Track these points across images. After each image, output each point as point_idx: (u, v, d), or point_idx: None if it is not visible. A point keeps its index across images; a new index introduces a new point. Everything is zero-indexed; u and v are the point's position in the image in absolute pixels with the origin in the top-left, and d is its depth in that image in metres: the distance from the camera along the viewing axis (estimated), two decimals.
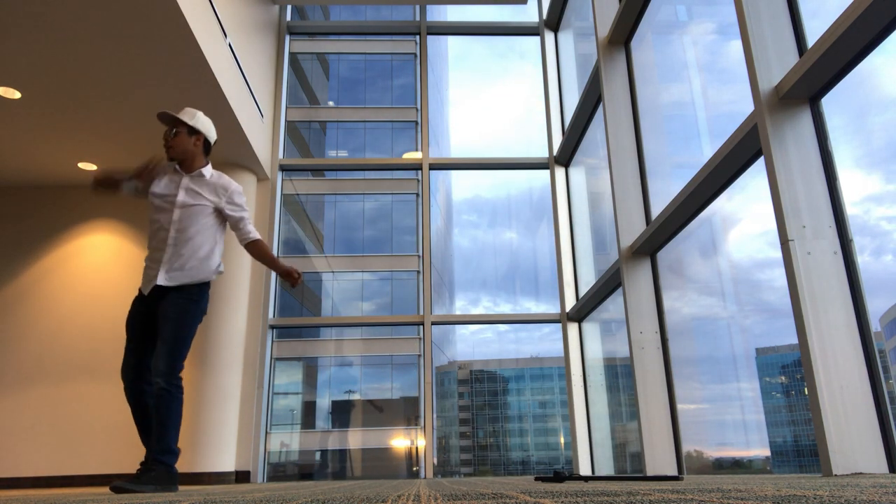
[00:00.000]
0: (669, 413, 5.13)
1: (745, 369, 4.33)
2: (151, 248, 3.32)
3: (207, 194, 3.38)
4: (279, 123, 8.13)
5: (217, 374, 6.74)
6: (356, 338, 8.18)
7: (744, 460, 4.52)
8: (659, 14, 5.62)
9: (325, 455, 7.88)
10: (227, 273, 7.11)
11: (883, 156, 3.14)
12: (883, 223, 3.16)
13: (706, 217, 4.64)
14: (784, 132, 3.27)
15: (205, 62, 5.54)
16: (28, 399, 7.18)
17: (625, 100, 5.99)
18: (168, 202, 3.32)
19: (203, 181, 3.41)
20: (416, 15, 8.95)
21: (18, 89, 5.83)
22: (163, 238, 3.27)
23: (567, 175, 8.13)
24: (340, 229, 8.70)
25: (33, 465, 6.98)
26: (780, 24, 3.48)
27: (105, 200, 7.88)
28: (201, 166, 3.44)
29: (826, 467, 2.82)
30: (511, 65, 9.45)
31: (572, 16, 8.11)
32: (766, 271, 4.00)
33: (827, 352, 2.94)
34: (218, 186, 3.43)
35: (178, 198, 3.32)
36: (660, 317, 5.33)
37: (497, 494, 1.66)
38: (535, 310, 8.22)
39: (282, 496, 1.94)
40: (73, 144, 6.89)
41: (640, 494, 1.44)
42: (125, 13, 4.90)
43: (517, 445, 8.47)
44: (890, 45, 2.88)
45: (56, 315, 7.47)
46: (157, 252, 3.29)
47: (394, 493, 1.98)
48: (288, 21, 8.64)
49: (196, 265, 3.31)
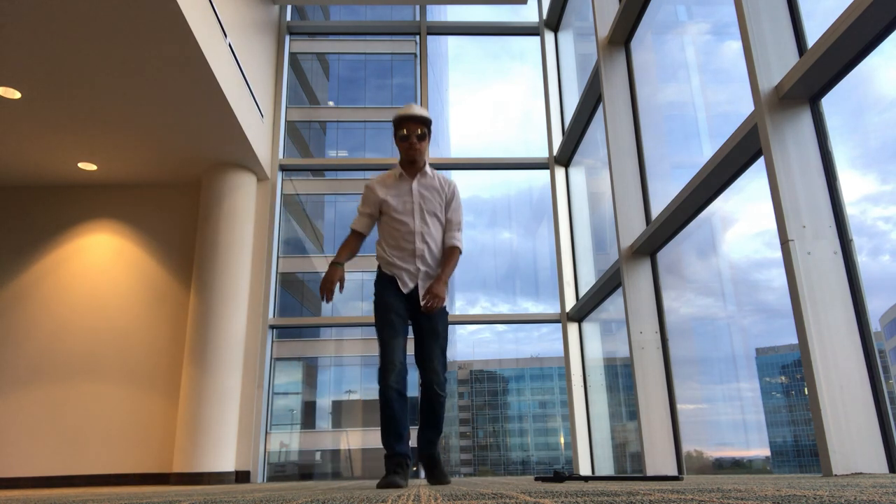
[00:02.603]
0: (669, 413, 5.13)
1: (745, 369, 4.33)
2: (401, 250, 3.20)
3: (436, 194, 3.25)
4: (279, 123, 8.13)
5: (217, 374, 6.74)
6: (356, 338, 8.18)
7: (744, 460, 4.52)
8: (659, 14, 5.62)
9: (325, 455, 7.88)
10: (227, 273, 7.11)
11: (879, 156, 3.15)
12: (880, 223, 3.16)
13: (706, 217, 4.64)
14: (784, 132, 3.27)
15: (205, 62, 5.54)
16: (28, 399, 7.18)
17: (625, 100, 5.99)
18: (408, 208, 3.19)
19: (430, 180, 3.27)
20: (416, 15, 8.95)
21: (18, 89, 5.84)
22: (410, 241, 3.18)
23: (567, 175, 8.13)
24: (340, 229, 8.70)
25: (33, 465, 6.98)
26: (780, 24, 3.48)
27: (105, 200, 7.89)
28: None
29: (826, 467, 2.82)
30: (510, 65, 9.46)
31: (572, 16, 8.11)
32: (763, 271, 4.01)
33: (827, 352, 2.94)
34: (443, 182, 3.29)
35: (415, 202, 3.20)
36: (660, 317, 5.33)
37: (497, 494, 1.66)
38: (534, 310, 8.22)
39: (282, 496, 1.94)
40: (73, 144, 6.89)
41: (640, 494, 1.44)
42: (125, 13, 4.90)
43: (517, 445, 8.47)
44: (885, 46, 2.88)
45: (56, 315, 7.47)
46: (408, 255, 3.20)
47: (394, 493, 1.98)
48: (288, 21, 8.64)
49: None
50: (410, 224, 3.16)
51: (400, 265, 3.15)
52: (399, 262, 3.15)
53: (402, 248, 3.16)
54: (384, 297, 3.13)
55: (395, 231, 3.17)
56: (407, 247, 3.15)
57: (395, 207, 3.17)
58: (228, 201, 7.32)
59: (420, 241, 3.15)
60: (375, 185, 3.24)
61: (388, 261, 3.18)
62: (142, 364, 7.35)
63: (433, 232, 3.20)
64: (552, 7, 8.47)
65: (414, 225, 3.16)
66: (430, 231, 3.19)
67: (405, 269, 3.15)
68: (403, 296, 3.15)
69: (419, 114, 3.16)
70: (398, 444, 3.00)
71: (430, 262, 3.18)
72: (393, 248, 3.17)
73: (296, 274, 8.34)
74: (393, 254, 3.16)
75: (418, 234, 3.15)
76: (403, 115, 3.16)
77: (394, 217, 3.17)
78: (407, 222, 3.16)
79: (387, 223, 3.20)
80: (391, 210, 3.17)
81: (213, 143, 6.96)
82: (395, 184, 3.22)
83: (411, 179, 3.22)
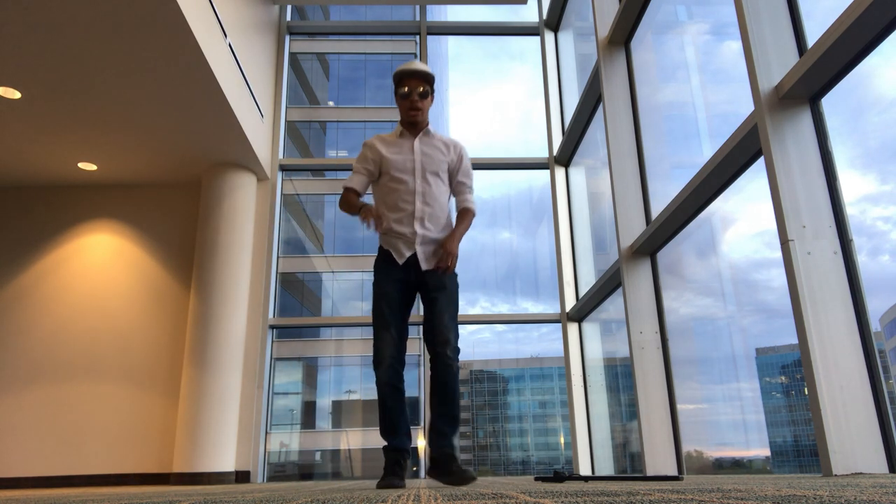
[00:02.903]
0: (669, 413, 5.13)
1: (744, 369, 4.33)
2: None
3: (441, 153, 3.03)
4: (279, 123, 8.13)
5: (217, 374, 6.74)
6: (356, 338, 8.18)
7: (744, 460, 4.52)
8: (659, 14, 5.62)
9: (325, 455, 7.89)
10: (226, 273, 7.11)
11: (878, 156, 3.15)
12: (879, 223, 3.16)
13: (706, 217, 4.64)
14: (784, 132, 3.28)
15: (205, 62, 5.54)
16: (28, 399, 7.18)
17: (625, 100, 5.99)
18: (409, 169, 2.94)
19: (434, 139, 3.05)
20: (416, 15, 8.95)
21: (18, 89, 5.84)
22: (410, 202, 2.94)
23: (567, 175, 8.13)
24: (340, 229, 8.70)
25: (33, 465, 6.98)
26: (780, 24, 3.48)
27: (105, 200, 7.89)
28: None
29: (826, 467, 2.82)
30: (510, 65, 9.46)
31: (572, 16, 8.11)
32: (763, 271, 4.01)
33: (827, 352, 2.94)
34: (448, 142, 3.08)
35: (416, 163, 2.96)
36: (660, 317, 5.33)
37: (497, 494, 1.66)
38: (534, 310, 8.22)
39: (282, 496, 1.94)
40: (73, 144, 6.89)
41: (640, 494, 1.44)
42: (125, 13, 4.90)
43: (517, 445, 8.47)
44: (885, 47, 2.88)
45: (56, 315, 7.47)
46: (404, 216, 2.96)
47: (394, 493, 1.98)
48: (288, 21, 8.64)
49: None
50: (410, 183, 2.92)
51: (396, 229, 2.90)
52: (395, 225, 2.90)
53: (400, 208, 2.90)
54: (379, 284, 2.91)
55: (393, 192, 2.93)
56: (406, 207, 2.90)
57: (394, 165, 2.93)
58: (228, 201, 7.32)
59: (420, 201, 2.91)
60: (375, 142, 3.02)
61: (386, 231, 2.93)
62: (142, 364, 7.35)
63: (435, 193, 2.95)
64: (552, 7, 8.47)
65: (414, 184, 2.92)
66: (432, 192, 2.94)
67: (401, 236, 2.90)
68: (401, 277, 2.90)
69: (421, 69, 2.94)
70: (394, 437, 2.86)
71: (430, 225, 2.92)
72: (391, 211, 2.92)
73: (296, 274, 8.34)
74: (391, 217, 2.91)
75: (419, 195, 2.91)
76: (405, 70, 2.94)
77: (393, 176, 2.93)
78: (406, 180, 2.92)
79: (385, 184, 2.96)
80: (391, 168, 2.93)
81: (213, 143, 6.96)
82: (396, 141, 3.00)
83: (413, 138, 3.01)
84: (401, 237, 2.90)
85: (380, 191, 3.00)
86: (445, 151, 3.03)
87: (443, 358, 2.78)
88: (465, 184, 3.08)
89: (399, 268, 2.89)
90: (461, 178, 3.07)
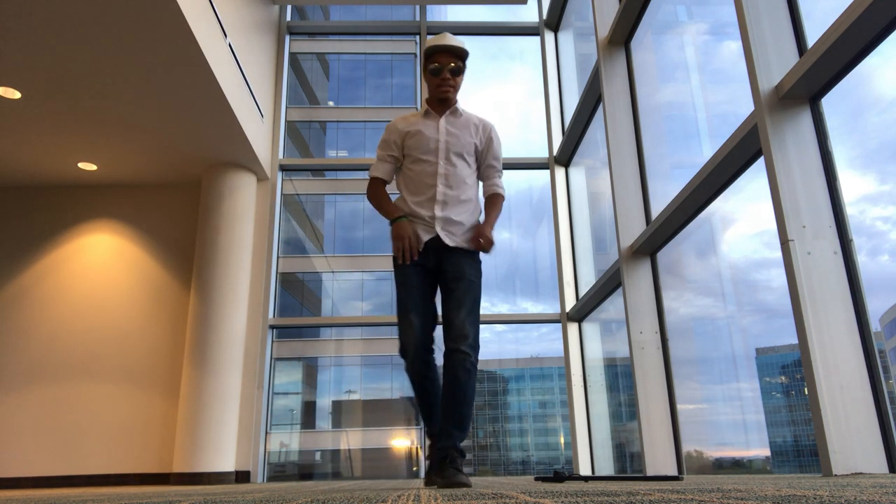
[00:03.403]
0: (669, 413, 5.13)
1: (744, 369, 4.33)
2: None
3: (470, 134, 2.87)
4: (279, 123, 8.13)
5: (217, 374, 6.74)
6: (356, 338, 8.18)
7: (744, 460, 4.53)
8: (659, 14, 5.62)
9: (325, 455, 7.89)
10: (226, 273, 7.11)
11: (877, 156, 3.15)
12: (878, 223, 3.16)
13: (706, 217, 4.64)
14: (784, 132, 3.28)
15: (205, 62, 5.54)
16: (28, 399, 7.18)
17: (625, 100, 5.99)
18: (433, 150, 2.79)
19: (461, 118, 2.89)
20: (416, 15, 8.95)
21: (18, 89, 5.84)
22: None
23: (567, 175, 8.13)
24: (340, 229, 8.70)
25: (33, 465, 6.98)
26: (780, 24, 3.48)
27: (105, 200, 7.89)
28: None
29: (826, 467, 2.82)
30: (510, 65, 9.46)
31: (572, 16, 8.11)
32: (763, 271, 4.01)
33: (827, 352, 2.94)
34: (477, 122, 2.92)
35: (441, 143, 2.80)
36: (660, 317, 5.33)
37: (497, 494, 1.66)
38: (534, 310, 8.22)
39: (282, 496, 1.94)
40: (73, 144, 6.89)
41: (640, 494, 1.44)
42: (125, 13, 4.90)
43: (517, 445, 8.47)
44: (883, 47, 2.88)
45: (56, 315, 7.47)
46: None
47: (394, 494, 1.98)
48: (288, 21, 8.64)
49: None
50: (434, 164, 2.75)
51: (417, 212, 2.73)
52: (416, 208, 2.73)
53: (421, 192, 2.75)
54: (398, 272, 2.74)
55: (415, 174, 2.77)
56: (427, 191, 2.73)
57: (417, 145, 2.77)
58: (228, 201, 7.32)
59: (443, 183, 2.74)
60: (398, 122, 2.86)
61: (405, 212, 2.76)
62: (142, 364, 7.35)
63: (461, 174, 2.78)
64: (552, 7, 8.47)
65: (438, 165, 2.74)
66: (458, 173, 2.77)
67: (420, 219, 2.73)
68: (420, 262, 2.72)
69: (455, 44, 2.77)
70: (434, 425, 2.72)
71: (453, 208, 2.74)
72: (412, 194, 2.76)
73: (296, 274, 8.34)
74: (411, 200, 2.75)
75: (441, 176, 2.74)
76: (436, 45, 2.77)
77: (416, 157, 2.78)
78: (430, 160, 2.75)
79: (407, 166, 2.81)
80: (413, 149, 2.78)
81: (213, 143, 6.97)
82: (420, 121, 2.84)
83: (439, 117, 2.84)
84: (420, 221, 2.73)
85: (404, 174, 2.84)
86: (474, 132, 2.86)
87: (458, 353, 2.57)
88: (495, 167, 2.89)
89: (420, 254, 2.72)
90: (491, 160, 2.89)
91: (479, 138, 2.88)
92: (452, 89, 2.82)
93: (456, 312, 2.63)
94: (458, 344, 2.58)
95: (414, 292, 2.70)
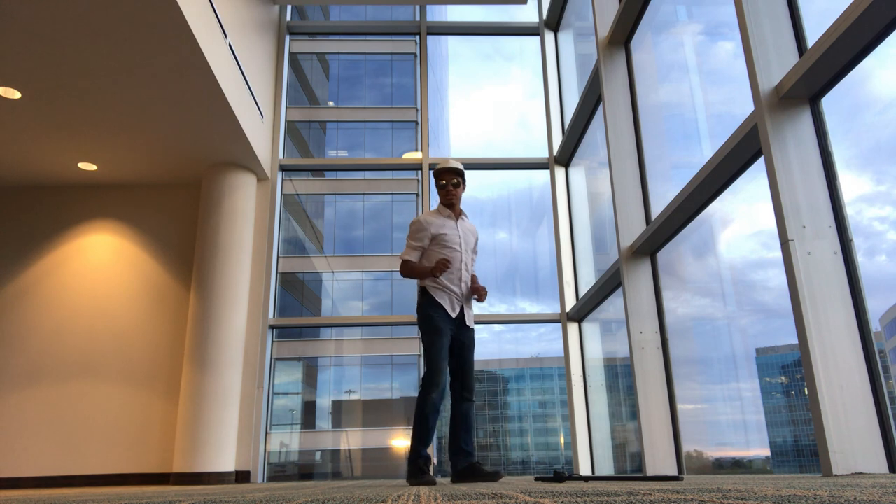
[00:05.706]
0: (669, 413, 5.13)
1: (744, 369, 4.32)
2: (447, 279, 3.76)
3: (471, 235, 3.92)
4: (279, 123, 8.13)
5: (217, 374, 6.74)
6: (356, 338, 8.18)
7: (744, 460, 4.52)
8: (659, 14, 5.62)
9: (325, 455, 7.88)
10: (226, 273, 7.11)
11: (874, 157, 3.15)
12: (875, 223, 3.16)
13: (706, 217, 4.64)
14: (784, 132, 3.28)
15: (205, 62, 5.54)
16: (28, 399, 7.18)
17: (625, 100, 5.99)
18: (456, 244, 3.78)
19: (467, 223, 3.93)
20: (415, 15, 8.95)
21: (18, 89, 5.84)
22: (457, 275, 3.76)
23: (567, 175, 8.13)
24: (340, 229, 8.70)
25: (33, 465, 6.98)
26: (780, 24, 3.48)
27: (105, 200, 7.89)
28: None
29: (826, 467, 2.82)
30: (510, 65, 9.46)
31: (572, 16, 8.11)
32: (763, 272, 4.00)
33: (827, 352, 2.94)
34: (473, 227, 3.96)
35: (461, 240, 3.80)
36: (660, 317, 5.33)
37: (497, 494, 1.67)
38: (534, 310, 8.22)
39: (282, 496, 1.94)
40: (73, 144, 6.89)
41: (640, 494, 1.44)
42: (125, 13, 4.90)
43: (517, 445, 8.47)
44: (880, 49, 2.88)
45: (56, 315, 7.47)
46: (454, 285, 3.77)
47: (394, 493, 1.98)
48: (288, 21, 8.64)
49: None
50: (460, 254, 3.75)
51: (450, 287, 3.71)
52: (449, 284, 3.71)
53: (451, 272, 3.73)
54: (439, 323, 3.62)
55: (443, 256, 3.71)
56: (455, 273, 3.73)
57: (448, 239, 3.74)
58: (228, 201, 7.32)
59: (464, 269, 3.76)
60: (429, 221, 3.75)
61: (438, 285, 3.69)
62: (142, 364, 7.35)
63: (469, 265, 3.81)
64: (552, 7, 8.47)
65: (462, 255, 3.76)
66: (468, 264, 3.80)
67: (453, 292, 3.71)
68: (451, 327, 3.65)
69: (454, 167, 3.81)
70: (425, 447, 3.57)
71: (465, 288, 3.78)
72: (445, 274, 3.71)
73: (296, 274, 8.34)
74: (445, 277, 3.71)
75: (463, 264, 3.76)
76: (442, 168, 3.79)
77: (446, 246, 3.73)
78: (458, 250, 3.75)
79: (438, 252, 3.73)
80: (444, 241, 3.73)
81: (213, 143, 6.97)
82: (444, 221, 3.80)
83: (455, 219, 3.83)
84: (452, 293, 3.72)
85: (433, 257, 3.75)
86: (473, 233, 3.92)
87: (468, 401, 3.71)
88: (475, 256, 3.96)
89: (450, 319, 3.68)
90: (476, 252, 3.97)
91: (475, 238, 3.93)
92: (456, 197, 3.85)
93: (468, 373, 3.74)
94: (469, 394, 3.73)
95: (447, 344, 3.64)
